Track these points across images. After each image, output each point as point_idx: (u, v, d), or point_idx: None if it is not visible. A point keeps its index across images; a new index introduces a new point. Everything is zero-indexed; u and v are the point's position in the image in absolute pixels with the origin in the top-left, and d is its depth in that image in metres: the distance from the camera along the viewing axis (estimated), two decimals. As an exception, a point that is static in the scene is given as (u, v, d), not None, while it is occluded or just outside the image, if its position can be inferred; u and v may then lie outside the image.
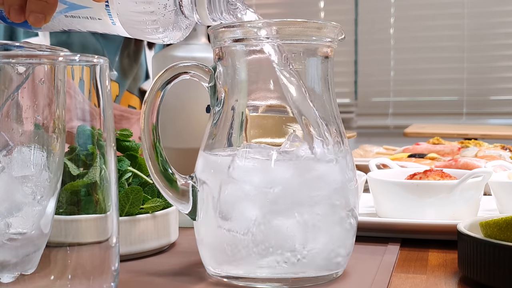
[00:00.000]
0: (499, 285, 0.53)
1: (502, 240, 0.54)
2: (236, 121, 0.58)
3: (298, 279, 0.56)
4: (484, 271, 0.54)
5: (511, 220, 0.55)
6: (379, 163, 1.02)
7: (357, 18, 3.47)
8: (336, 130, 0.58)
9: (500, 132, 2.28)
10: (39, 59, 0.43)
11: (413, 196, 0.76)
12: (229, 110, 0.59)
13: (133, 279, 0.59)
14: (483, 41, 3.24)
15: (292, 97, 0.57)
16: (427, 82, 3.35)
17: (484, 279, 0.54)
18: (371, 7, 3.42)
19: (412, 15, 3.35)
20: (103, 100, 0.44)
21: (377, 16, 3.42)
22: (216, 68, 0.60)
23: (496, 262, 0.53)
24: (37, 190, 0.43)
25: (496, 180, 0.79)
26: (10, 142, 0.42)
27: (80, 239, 0.44)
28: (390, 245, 0.70)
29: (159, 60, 0.83)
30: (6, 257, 0.42)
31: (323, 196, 0.55)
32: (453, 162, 1.14)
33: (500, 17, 3.22)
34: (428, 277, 0.59)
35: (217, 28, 0.58)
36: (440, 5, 3.29)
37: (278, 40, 0.57)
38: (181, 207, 0.60)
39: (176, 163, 0.65)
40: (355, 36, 3.46)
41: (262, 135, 0.58)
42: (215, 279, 0.58)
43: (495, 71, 3.25)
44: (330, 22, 0.58)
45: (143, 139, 0.59)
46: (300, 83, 0.57)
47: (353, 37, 3.46)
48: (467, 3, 3.25)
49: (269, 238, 0.54)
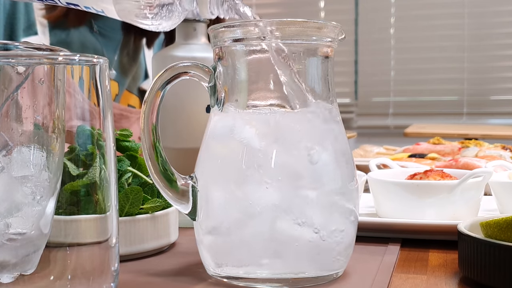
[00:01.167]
0: (500, 286, 0.53)
1: (502, 240, 0.54)
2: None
3: (298, 280, 0.56)
4: (485, 272, 0.54)
5: (511, 220, 0.55)
6: (379, 163, 1.02)
7: (357, 18, 3.47)
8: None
9: (501, 132, 2.28)
10: (38, 59, 0.43)
11: (413, 196, 0.76)
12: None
13: (133, 279, 0.59)
14: (483, 41, 3.24)
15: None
16: (427, 82, 3.35)
17: (485, 280, 0.54)
18: (371, 7, 3.42)
19: (412, 15, 3.35)
20: (102, 99, 0.44)
21: (377, 16, 3.42)
22: (216, 68, 0.60)
23: (496, 262, 0.53)
24: (36, 190, 0.43)
25: (496, 180, 0.79)
26: (10, 142, 0.42)
27: (80, 239, 0.44)
28: (391, 245, 0.70)
29: (158, 60, 0.83)
30: (5, 257, 0.42)
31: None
32: (453, 162, 1.14)
33: (500, 17, 3.22)
34: (429, 278, 0.59)
35: (217, 28, 0.58)
36: (440, 4, 3.29)
37: (278, 40, 0.57)
38: (181, 207, 0.60)
39: (176, 163, 0.65)
40: (355, 36, 3.46)
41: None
42: (215, 279, 0.58)
43: (495, 71, 3.25)
44: (330, 22, 0.58)
45: (142, 139, 0.59)
46: (302, 86, 0.57)
47: (353, 36, 3.46)
48: (467, 2, 3.25)
49: (269, 239, 0.54)
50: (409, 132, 2.30)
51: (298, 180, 0.55)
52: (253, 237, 0.55)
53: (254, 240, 0.55)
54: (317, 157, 0.55)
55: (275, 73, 0.57)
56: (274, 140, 0.56)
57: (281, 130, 0.56)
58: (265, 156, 0.55)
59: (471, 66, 3.27)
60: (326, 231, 0.55)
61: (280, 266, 0.55)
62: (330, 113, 0.58)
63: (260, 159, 0.55)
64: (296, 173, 0.55)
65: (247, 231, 0.55)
